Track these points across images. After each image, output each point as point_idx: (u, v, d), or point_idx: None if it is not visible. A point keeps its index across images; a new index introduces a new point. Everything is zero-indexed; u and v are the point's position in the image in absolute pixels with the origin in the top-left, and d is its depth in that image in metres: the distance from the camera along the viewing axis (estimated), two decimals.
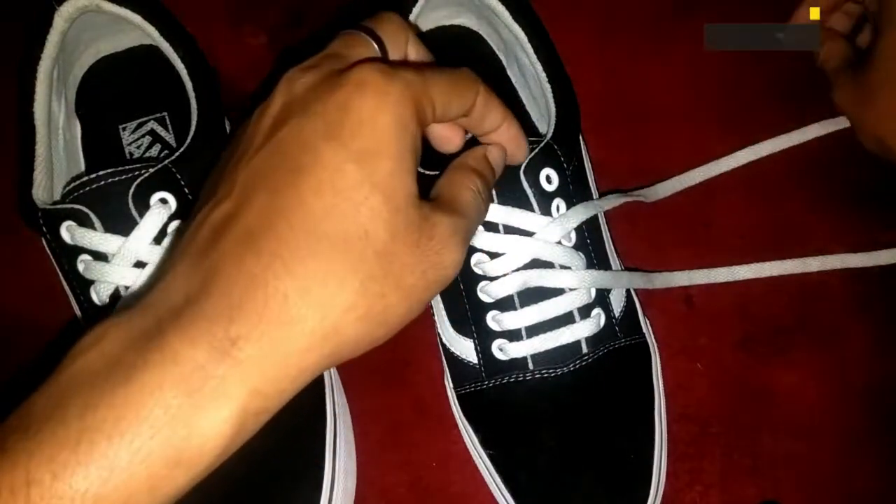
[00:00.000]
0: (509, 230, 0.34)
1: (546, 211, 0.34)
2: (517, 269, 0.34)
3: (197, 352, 0.20)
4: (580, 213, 0.34)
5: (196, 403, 0.20)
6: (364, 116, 0.23)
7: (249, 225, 0.22)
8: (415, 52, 0.29)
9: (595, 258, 0.36)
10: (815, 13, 0.40)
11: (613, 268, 0.37)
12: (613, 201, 0.37)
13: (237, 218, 0.23)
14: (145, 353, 0.20)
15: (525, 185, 0.33)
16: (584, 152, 0.39)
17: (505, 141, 0.30)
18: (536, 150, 0.33)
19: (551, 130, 0.34)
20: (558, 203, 0.34)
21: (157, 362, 0.20)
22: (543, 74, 0.36)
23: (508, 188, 0.33)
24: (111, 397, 0.20)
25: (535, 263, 0.34)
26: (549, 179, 0.34)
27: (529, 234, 0.34)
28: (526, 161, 0.33)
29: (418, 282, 0.24)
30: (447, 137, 0.30)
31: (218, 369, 0.20)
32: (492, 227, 0.34)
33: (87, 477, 0.19)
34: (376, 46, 0.27)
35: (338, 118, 0.23)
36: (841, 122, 0.41)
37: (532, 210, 0.34)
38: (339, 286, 0.22)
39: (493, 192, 0.33)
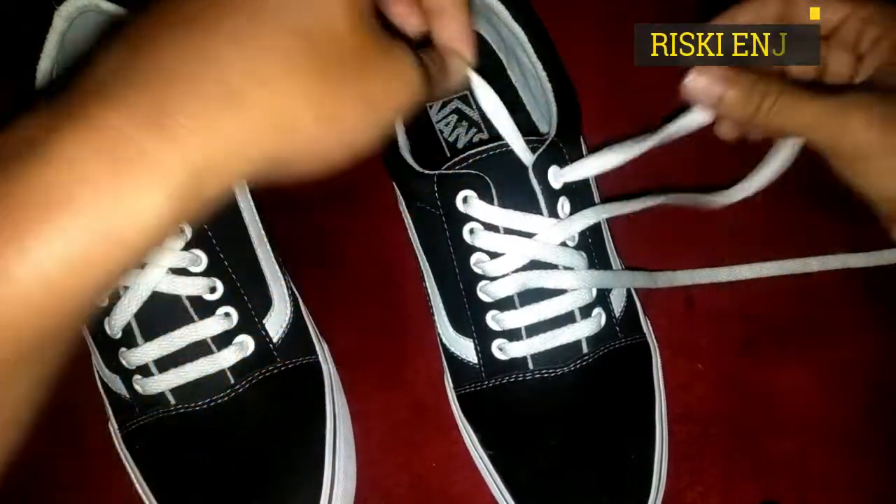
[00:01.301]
0: (509, 231, 0.34)
1: (552, 209, 0.34)
2: (517, 270, 0.34)
3: (123, 122, 0.18)
4: (585, 218, 0.34)
5: (126, 175, 0.18)
6: None
7: (186, 10, 0.20)
8: None
9: (596, 258, 0.35)
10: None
11: (614, 267, 0.37)
12: (618, 208, 0.36)
13: (170, 7, 0.20)
14: (63, 126, 0.18)
15: (534, 182, 0.33)
16: (584, 152, 0.39)
17: (452, 33, 0.28)
18: (543, 148, 0.33)
19: (554, 129, 0.34)
20: (563, 202, 0.34)
21: (77, 134, 0.18)
22: (544, 73, 0.36)
23: (517, 185, 0.33)
24: (27, 173, 0.17)
25: (536, 265, 0.34)
26: (556, 177, 0.34)
27: (530, 235, 0.34)
28: (535, 158, 0.33)
29: (378, 95, 0.22)
30: (403, 15, 0.27)
31: (149, 141, 0.18)
32: (491, 228, 0.34)
33: (4, 254, 0.17)
34: None
35: None
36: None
37: (539, 208, 0.34)
38: (295, 69, 0.20)
39: (494, 195, 0.33)
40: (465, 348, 0.36)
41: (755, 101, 0.28)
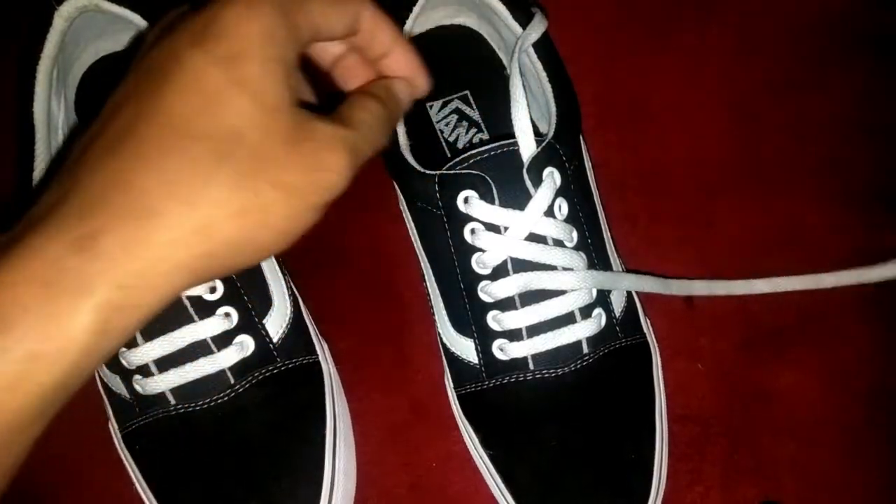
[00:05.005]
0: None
1: (548, 210, 0.34)
2: (518, 272, 0.34)
3: (52, 246, 0.20)
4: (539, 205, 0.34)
5: (54, 296, 0.20)
6: (229, 24, 0.23)
7: (113, 136, 0.22)
8: None
9: (596, 259, 0.36)
10: None
11: (614, 268, 0.37)
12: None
13: (103, 133, 0.23)
14: (3, 257, 0.20)
15: (528, 184, 0.33)
16: (584, 152, 0.39)
17: (403, 69, 0.29)
18: (538, 149, 0.33)
19: (552, 130, 0.34)
20: (560, 203, 0.34)
21: (13, 262, 0.20)
22: (544, 74, 0.36)
23: (511, 187, 0.33)
24: None
25: (536, 266, 0.34)
26: (552, 178, 0.34)
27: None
28: (529, 160, 0.33)
29: (301, 182, 0.23)
30: (338, 57, 0.29)
31: (75, 262, 0.20)
32: (492, 228, 0.34)
33: None
34: None
35: (203, 28, 0.23)
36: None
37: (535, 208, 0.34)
38: (205, 180, 0.22)
39: (496, 195, 0.33)
40: (465, 348, 0.36)
41: None
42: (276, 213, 0.23)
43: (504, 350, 0.35)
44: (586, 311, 0.35)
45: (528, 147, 0.33)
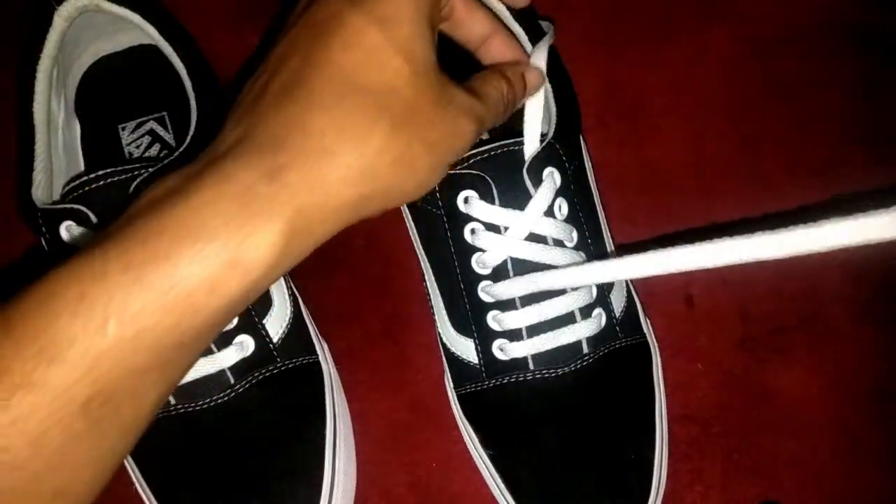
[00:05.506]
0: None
1: (548, 211, 0.34)
2: (518, 272, 0.34)
3: (248, 174, 0.23)
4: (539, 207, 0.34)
5: (249, 216, 0.22)
6: None
7: (285, 81, 0.25)
8: None
9: (596, 258, 0.35)
10: None
11: None
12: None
13: (275, 79, 0.25)
14: (202, 178, 0.23)
15: (528, 184, 0.33)
16: (584, 152, 0.39)
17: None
18: (538, 149, 0.33)
19: (552, 130, 0.34)
20: (560, 203, 0.34)
21: (212, 183, 0.23)
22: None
23: (511, 187, 0.33)
24: (174, 211, 0.22)
25: (537, 266, 0.34)
26: (552, 178, 0.34)
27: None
28: (528, 160, 0.33)
29: (441, 138, 0.26)
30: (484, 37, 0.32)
31: (267, 189, 0.23)
32: (493, 228, 0.34)
33: (156, 270, 0.21)
34: None
35: None
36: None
37: (535, 208, 0.34)
38: (371, 127, 0.24)
39: (496, 195, 0.33)
40: (465, 348, 0.36)
41: None
42: (421, 164, 0.25)
43: (504, 350, 0.35)
44: (586, 311, 0.35)
45: (534, 141, 0.33)
